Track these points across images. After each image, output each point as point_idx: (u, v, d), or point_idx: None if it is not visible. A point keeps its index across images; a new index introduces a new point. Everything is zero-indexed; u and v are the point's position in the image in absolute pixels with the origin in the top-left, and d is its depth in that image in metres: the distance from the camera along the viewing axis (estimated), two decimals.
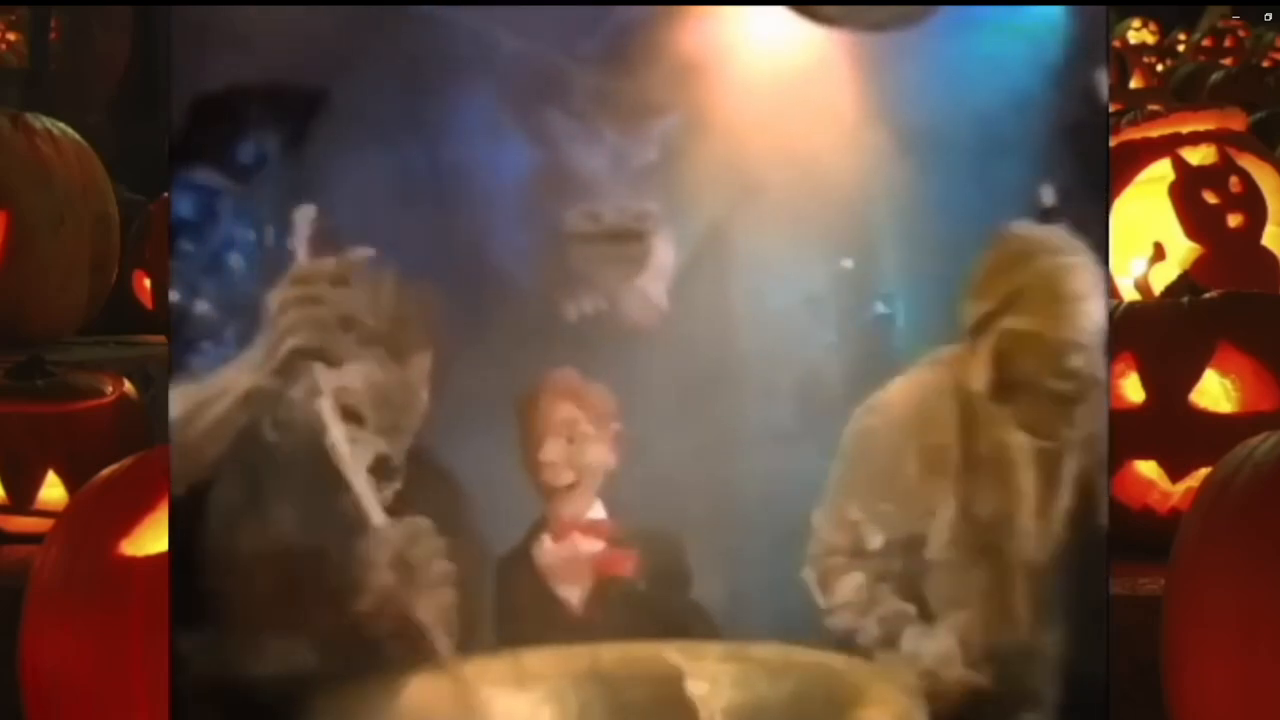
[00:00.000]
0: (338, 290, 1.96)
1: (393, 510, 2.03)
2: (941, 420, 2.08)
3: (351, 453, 1.92)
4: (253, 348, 1.96)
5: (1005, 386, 2.07)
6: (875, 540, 2.07)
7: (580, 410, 2.30)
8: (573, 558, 2.29)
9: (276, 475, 2.00)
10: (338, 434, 1.92)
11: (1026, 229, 2.13)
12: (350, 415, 1.98)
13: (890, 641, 2.02)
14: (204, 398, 1.93)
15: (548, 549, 2.30)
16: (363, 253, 1.98)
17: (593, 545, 2.30)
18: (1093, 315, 2.05)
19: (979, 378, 2.08)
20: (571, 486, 2.30)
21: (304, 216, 2.10)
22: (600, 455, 2.31)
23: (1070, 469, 2.05)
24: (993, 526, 2.05)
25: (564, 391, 2.31)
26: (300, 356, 1.94)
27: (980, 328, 2.08)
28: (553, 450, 2.28)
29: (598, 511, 2.32)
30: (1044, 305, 2.04)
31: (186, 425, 1.92)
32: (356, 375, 1.98)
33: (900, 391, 2.13)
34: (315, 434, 1.93)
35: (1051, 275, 2.06)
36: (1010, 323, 2.05)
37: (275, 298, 1.97)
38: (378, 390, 1.99)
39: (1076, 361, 2.03)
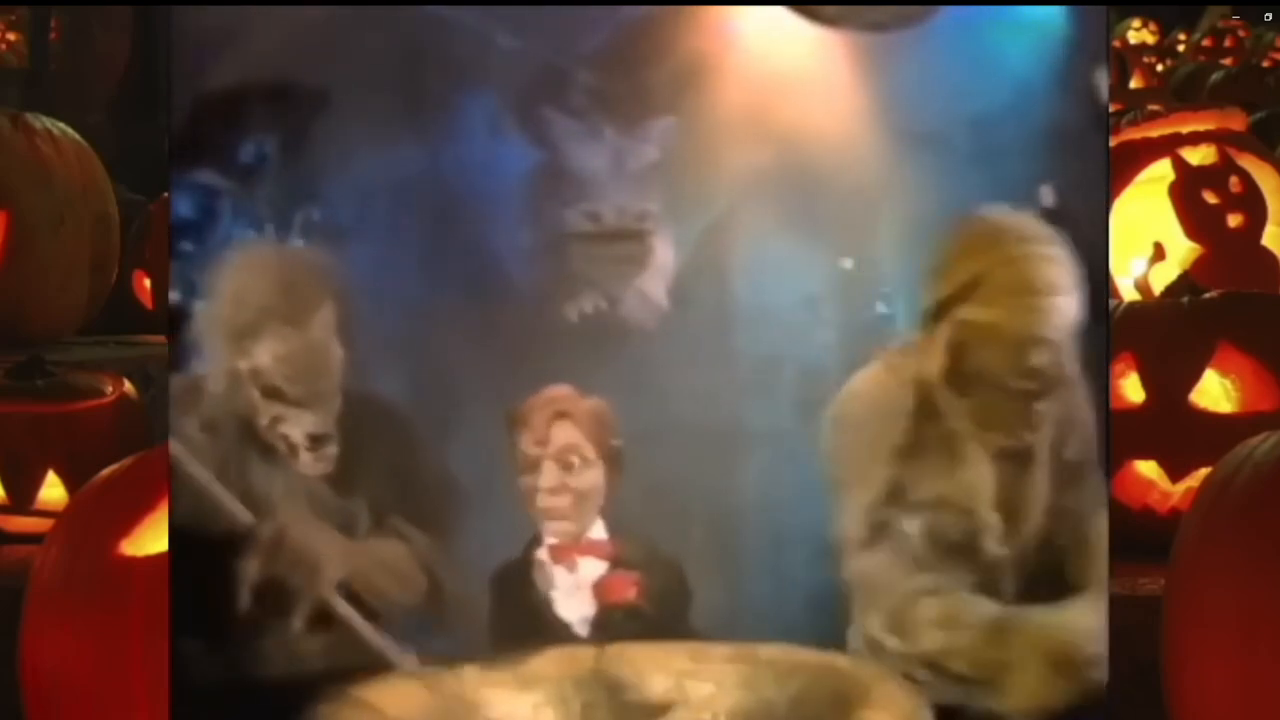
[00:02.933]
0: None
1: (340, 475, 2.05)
2: (898, 410, 1.97)
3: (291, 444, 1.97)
4: None
5: (961, 378, 1.96)
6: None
7: (578, 431, 2.18)
8: (575, 581, 2.19)
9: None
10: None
11: (997, 214, 1.99)
12: (270, 392, 2.00)
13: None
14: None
15: (547, 571, 2.20)
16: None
17: (595, 567, 2.19)
18: (1062, 310, 1.92)
19: (933, 366, 1.96)
20: (569, 509, 2.18)
21: None
22: (599, 478, 2.19)
23: (1041, 471, 1.96)
24: (945, 522, 1.95)
25: (560, 412, 2.18)
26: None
27: (938, 314, 1.97)
28: (551, 477, 2.17)
29: (598, 531, 2.21)
30: (1006, 296, 1.91)
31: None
32: (264, 352, 1.99)
33: (864, 380, 2.03)
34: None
35: (1016, 265, 1.92)
36: (967, 312, 1.94)
37: None
38: (287, 361, 1.98)
39: (1039, 359, 1.92)
